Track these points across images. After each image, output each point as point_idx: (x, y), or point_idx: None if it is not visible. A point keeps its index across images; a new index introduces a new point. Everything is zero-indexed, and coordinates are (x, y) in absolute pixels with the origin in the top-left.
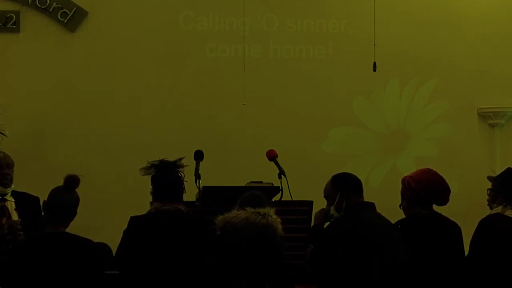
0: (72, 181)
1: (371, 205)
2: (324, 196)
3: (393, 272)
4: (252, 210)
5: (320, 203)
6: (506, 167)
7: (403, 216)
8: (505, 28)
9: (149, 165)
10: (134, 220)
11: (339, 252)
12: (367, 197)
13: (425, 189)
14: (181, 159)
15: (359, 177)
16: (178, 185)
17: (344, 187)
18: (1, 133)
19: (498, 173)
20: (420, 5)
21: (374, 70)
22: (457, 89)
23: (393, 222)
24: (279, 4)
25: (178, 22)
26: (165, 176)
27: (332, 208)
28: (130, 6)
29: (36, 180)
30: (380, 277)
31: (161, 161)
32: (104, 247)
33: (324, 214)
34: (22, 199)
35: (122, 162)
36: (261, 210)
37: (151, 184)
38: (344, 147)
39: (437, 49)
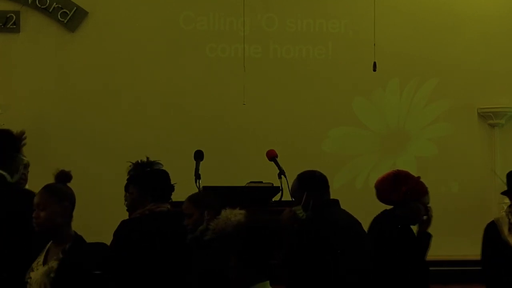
0: (64, 177)
1: (337, 202)
2: (291, 196)
3: (362, 268)
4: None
5: None
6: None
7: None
8: (505, 28)
9: (131, 165)
10: (128, 224)
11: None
12: (367, 197)
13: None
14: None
15: (359, 177)
16: (170, 184)
17: (310, 186)
18: None
19: (498, 173)
20: (420, 5)
21: (374, 70)
22: (457, 89)
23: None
24: (279, 4)
25: (178, 22)
26: (158, 175)
27: (299, 207)
28: (130, 6)
29: (36, 180)
30: (350, 275)
31: (137, 162)
32: (104, 247)
33: (292, 215)
34: None
35: (122, 162)
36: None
37: (139, 184)
38: (344, 147)
39: (437, 49)
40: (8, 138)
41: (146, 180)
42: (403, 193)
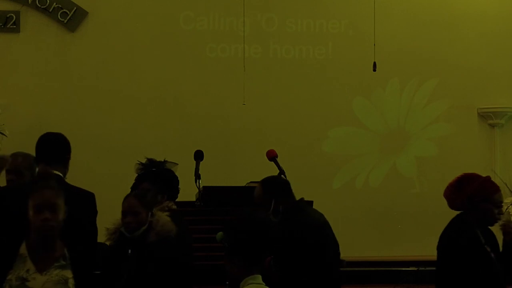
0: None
1: (306, 204)
2: (256, 203)
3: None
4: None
5: (320, 203)
6: None
7: (398, 215)
8: (505, 28)
9: (140, 165)
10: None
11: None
12: (367, 197)
13: None
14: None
15: (359, 177)
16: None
17: (277, 191)
18: (1, 133)
19: (498, 173)
20: (420, 5)
21: (374, 70)
22: (457, 89)
23: (401, 224)
24: (279, 4)
25: (178, 22)
26: (173, 174)
27: (268, 213)
28: (130, 6)
29: None
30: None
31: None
32: (103, 247)
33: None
34: None
35: (122, 161)
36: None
37: (157, 182)
38: (344, 147)
39: (437, 49)
40: (63, 141)
41: (165, 178)
42: (468, 196)
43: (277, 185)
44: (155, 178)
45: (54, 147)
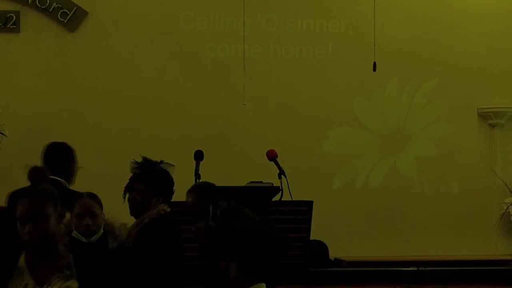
0: (41, 174)
1: (241, 207)
2: (192, 212)
3: None
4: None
5: (320, 203)
6: None
7: (398, 215)
8: (505, 28)
9: (136, 164)
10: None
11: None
12: (367, 197)
13: None
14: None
15: (359, 177)
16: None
17: (212, 195)
18: (1, 133)
19: (498, 173)
20: (420, 5)
21: (374, 70)
22: (457, 89)
23: (401, 224)
24: (279, 4)
25: (178, 22)
26: (169, 175)
27: (208, 220)
28: (130, 6)
29: None
30: None
31: (146, 159)
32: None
33: (206, 231)
34: None
35: (122, 161)
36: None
37: (153, 183)
38: (344, 147)
39: (437, 49)
40: (64, 149)
41: (161, 179)
42: None
43: (211, 190)
44: (150, 179)
45: (55, 156)
